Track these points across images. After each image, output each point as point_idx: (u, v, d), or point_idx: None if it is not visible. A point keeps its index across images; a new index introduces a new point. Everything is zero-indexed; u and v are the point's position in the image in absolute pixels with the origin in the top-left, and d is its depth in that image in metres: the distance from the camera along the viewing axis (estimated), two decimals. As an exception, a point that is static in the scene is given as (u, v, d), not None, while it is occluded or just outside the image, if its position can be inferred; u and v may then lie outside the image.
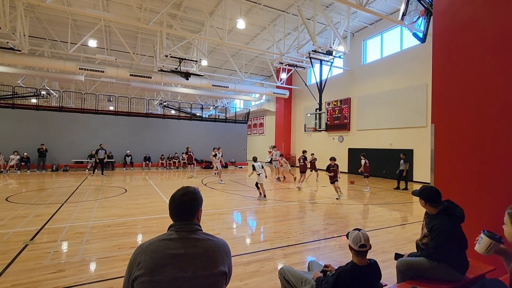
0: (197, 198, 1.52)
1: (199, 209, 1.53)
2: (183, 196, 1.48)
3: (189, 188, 1.53)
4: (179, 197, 1.48)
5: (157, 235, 4.04)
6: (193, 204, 1.49)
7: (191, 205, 1.48)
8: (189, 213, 1.48)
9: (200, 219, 1.56)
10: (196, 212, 1.50)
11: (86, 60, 18.63)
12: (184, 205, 1.47)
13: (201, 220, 1.57)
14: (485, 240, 1.91)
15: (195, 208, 1.50)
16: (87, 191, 9.69)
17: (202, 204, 1.58)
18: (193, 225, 1.46)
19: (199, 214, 1.54)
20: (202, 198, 1.57)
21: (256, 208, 7.52)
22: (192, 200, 1.49)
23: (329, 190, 10.99)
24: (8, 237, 4.76)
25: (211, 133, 22.33)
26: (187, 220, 1.46)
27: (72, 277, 3.40)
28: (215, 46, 18.95)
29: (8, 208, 6.93)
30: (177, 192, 1.51)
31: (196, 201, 1.51)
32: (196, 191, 1.55)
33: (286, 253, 4.35)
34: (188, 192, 1.51)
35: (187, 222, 1.46)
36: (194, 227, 1.45)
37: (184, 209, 1.47)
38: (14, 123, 16.46)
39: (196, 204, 1.51)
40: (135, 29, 16.68)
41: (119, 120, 19.41)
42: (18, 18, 12.68)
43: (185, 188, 1.54)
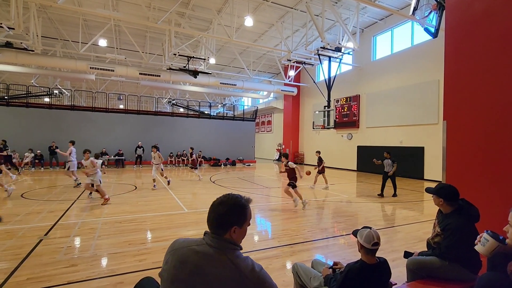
0: (235, 212, 1.29)
1: (234, 227, 1.28)
2: (219, 206, 1.30)
3: (229, 198, 1.32)
4: (215, 205, 1.32)
5: (166, 232, 4.08)
6: (226, 217, 1.28)
7: (223, 218, 1.28)
8: (219, 226, 1.28)
9: (235, 238, 1.30)
10: (228, 227, 1.28)
11: (96, 59, 18.93)
12: (216, 215, 1.29)
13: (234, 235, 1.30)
14: (491, 242, 1.86)
15: (228, 222, 1.28)
16: (98, 188, 9.87)
17: (245, 222, 1.32)
18: (224, 242, 1.27)
19: (236, 234, 1.29)
20: (245, 214, 1.31)
21: (264, 206, 7.54)
22: (227, 213, 1.28)
23: (337, 188, 10.91)
24: (23, 232, 4.91)
25: (219, 131, 22.43)
26: (218, 234, 1.28)
27: (84, 271, 3.48)
28: (223, 44, 18.97)
29: (23, 204, 7.14)
30: (217, 199, 1.34)
31: (232, 215, 1.28)
32: (236, 204, 1.30)
33: (294, 250, 4.35)
34: (226, 202, 1.31)
35: (219, 237, 1.28)
36: (225, 245, 1.26)
37: (214, 220, 1.29)
38: (28, 122, 16.90)
39: (231, 219, 1.28)
40: (144, 28, 16.84)
41: (129, 118, 19.70)
42: (31, 18, 12.96)
43: (226, 197, 1.33)
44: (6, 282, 3.16)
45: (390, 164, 9.07)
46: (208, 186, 10.83)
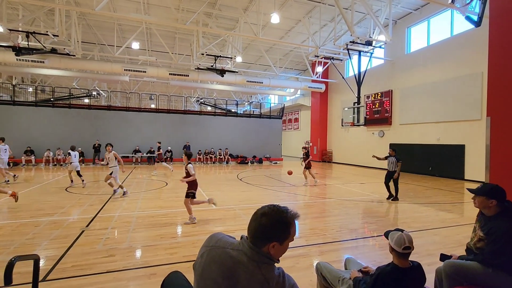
0: (277, 228, 1.22)
1: (274, 242, 1.22)
2: (262, 217, 1.24)
3: (274, 211, 1.25)
4: (258, 215, 1.26)
5: (195, 227, 4.20)
6: (267, 230, 1.22)
7: (264, 231, 1.22)
8: (259, 238, 1.23)
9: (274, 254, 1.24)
10: (268, 242, 1.22)
11: (130, 61, 19.95)
12: (258, 226, 1.24)
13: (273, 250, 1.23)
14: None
15: (268, 237, 1.22)
16: (133, 184, 10.44)
17: (287, 239, 1.25)
18: (260, 255, 1.21)
19: (275, 250, 1.23)
20: (288, 231, 1.24)
21: (291, 204, 7.49)
22: (268, 226, 1.22)
23: (368, 188, 10.53)
24: (67, 224, 5.34)
25: (246, 128, 22.60)
26: (256, 245, 1.23)
27: (121, 261, 3.71)
28: (249, 42, 19.05)
29: (67, 197, 7.76)
30: (262, 208, 1.28)
31: (273, 230, 1.22)
32: (280, 220, 1.23)
33: (322, 250, 4.28)
34: (269, 215, 1.23)
35: (256, 249, 1.22)
36: (261, 258, 1.21)
37: (254, 231, 1.24)
38: (70, 121, 18.28)
39: (272, 233, 1.22)
40: (173, 30, 17.41)
41: (160, 117, 20.54)
42: (73, 26, 13.97)
43: (271, 208, 1.26)
44: (54, 268, 3.46)
45: (394, 163, 8.02)
46: (235, 184, 10.99)
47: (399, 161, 7.98)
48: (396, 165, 7.99)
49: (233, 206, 7.05)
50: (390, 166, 8.18)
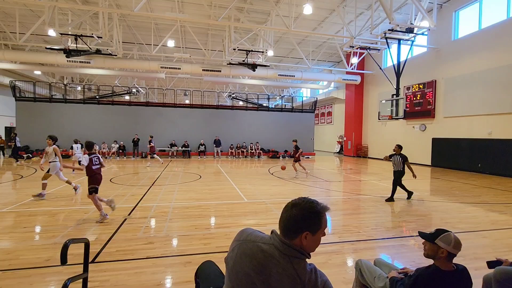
0: (308, 218, 1.21)
1: (306, 232, 1.20)
2: (293, 208, 1.23)
3: (304, 201, 1.24)
4: (288, 207, 1.25)
5: (227, 219, 4.30)
6: (298, 221, 1.21)
7: (295, 222, 1.21)
8: (291, 229, 1.22)
9: (306, 245, 1.22)
10: (300, 232, 1.20)
11: (165, 59, 20.79)
12: (289, 217, 1.22)
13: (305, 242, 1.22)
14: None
15: (300, 227, 1.20)
16: (169, 176, 10.97)
17: (319, 230, 1.23)
18: (291, 249, 1.20)
19: (308, 241, 1.22)
20: (319, 221, 1.22)
21: (323, 200, 7.33)
22: (299, 217, 1.20)
23: (407, 185, 9.92)
24: (112, 212, 5.78)
25: (278, 123, 22.50)
26: (289, 237, 1.22)
27: (159, 249, 3.94)
28: (281, 35, 18.79)
29: (111, 187, 8.39)
30: (292, 200, 1.28)
31: (305, 220, 1.20)
32: (311, 210, 1.22)
33: (356, 248, 4.15)
34: (300, 206, 1.23)
35: (288, 242, 1.22)
36: (292, 252, 1.20)
37: (286, 222, 1.23)
38: (113, 117, 19.65)
39: (304, 224, 1.20)
40: (206, 27, 17.75)
41: (194, 112, 21.23)
42: (114, 27, 14.88)
43: (301, 199, 1.26)
44: (101, 252, 3.78)
45: (400, 162, 7.14)
46: (266, 178, 11.03)
47: (406, 160, 7.09)
48: (401, 164, 7.10)
49: (264, 200, 7.09)
50: (394, 165, 7.30)
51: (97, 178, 5.33)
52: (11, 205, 6.23)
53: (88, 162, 5.20)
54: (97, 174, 5.34)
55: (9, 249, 3.88)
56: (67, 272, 3.19)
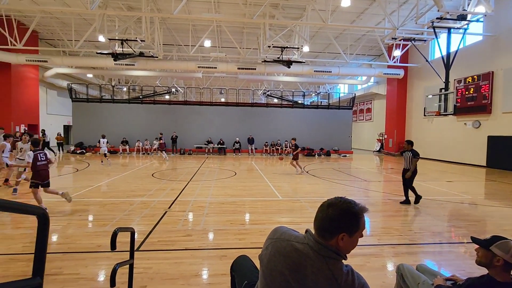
0: (345, 218, 1.17)
1: (343, 233, 1.16)
2: (329, 208, 1.20)
3: (341, 201, 1.20)
4: (324, 207, 1.22)
5: (262, 216, 4.31)
6: (335, 222, 1.17)
7: (331, 223, 1.18)
8: (326, 230, 1.19)
9: (342, 247, 1.19)
10: (336, 233, 1.17)
11: (202, 59, 21.49)
12: (325, 217, 1.19)
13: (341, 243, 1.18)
14: None
15: (336, 228, 1.17)
16: (205, 173, 11.35)
17: (357, 232, 1.18)
18: (327, 249, 1.17)
19: (344, 243, 1.18)
20: (357, 223, 1.18)
21: (361, 200, 7.03)
22: (336, 217, 1.17)
23: (457, 187, 9.12)
24: (154, 204, 6.15)
25: (313, 120, 22.04)
26: (324, 238, 1.19)
27: (197, 241, 4.10)
28: (317, 30, 18.32)
29: (153, 182, 8.92)
30: (328, 200, 1.24)
31: (342, 221, 1.17)
32: (348, 210, 1.17)
33: (397, 251, 3.91)
34: (336, 206, 1.19)
35: (323, 242, 1.19)
36: (327, 253, 1.17)
37: (322, 222, 1.20)
38: (155, 116, 20.85)
39: (341, 224, 1.17)
40: (241, 25, 17.95)
41: (229, 110, 21.67)
42: (155, 31, 15.72)
43: (337, 199, 1.22)
44: (144, 242, 4.05)
45: (410, 159, 6.58)
46: (301, 176, 10.88)
47: (415, 156, 6.52)
48: (411, 161, 6.56)
49: (299, 198, 7.01)
50: (406, 163, 6.72)
51: (41, 174, 5.36)
52: (68, 195, 6.94)
53: (33, 158, 5.26)
54: (42, 170, 5.37)
55: (68, 234, 4.34)
56: (115, 257, 3.47)
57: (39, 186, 5.38)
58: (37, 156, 5.32)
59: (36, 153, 5.35)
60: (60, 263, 3.34)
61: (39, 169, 5.34)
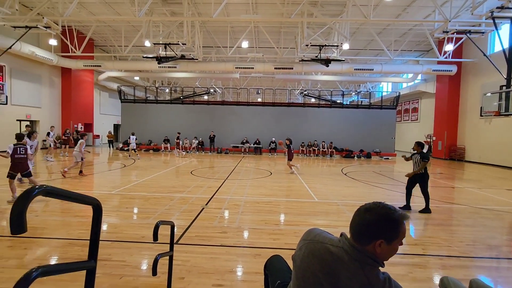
0: (384, 225, 1.12)
1: (380, 240, 1.11)
2: (366, 213, 1.16)
3: (379, 207, 1.16)
4: (361, 211, 1.19)
5: (297, 218, 4.27)
6: (372, 227, 1.13)
7: (367, 228, 1.14)
8: (362, 235, 1.15)
9: (379, 254, 1.13)
10: (373, 240, 1.12)
11: (240, 59, 21.87)
12: (361, 222, 1.16)
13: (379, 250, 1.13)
14: None
15: (373, 234, 1.13)
16: (241, 172, 11.54)
17: (396, 239, 1.13)
18: (363, 255, 1.13)
19: (382, 250, 1.13)
20: (396, 230, 1.12)
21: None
22: (373, 223, 1.13)
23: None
24: (192, 201, 6.42)
25: (353, 120, 21.18)
26: (360, 243, 1.15)
27: (232, 239, 4.20)
28: (358, 26, 17.57)
29: (192, 179, 9.32)
30: (366, 204, 1.21)
31: (379, 227, 1.12)
32: (387, 216, 1.13)
33: (445, 264, 3.60)
34: (374, 211, 1.15)
35: (359, 247, 1.14)
36: (363, 258, 1.13)
37: (358, 227, 1.17)
38: (194, 115, 21.73)
39: (378, 231, 1.12)
40: (278, 25, 17.91)
41: (265, 110, 21.75)
42: (196, 34, 16.38)
43: (376, 204, 1.18)
44: (183, 236, 4.25)
45: (419, 162, 6.01)
46: (338, 178, 10.54)
47: (424, 159, 5.96)
48: (420, 164, 6.01)
49: (336, 201, 6.79)
50: (414, 166, 6.18)
51: (17, 166, 5.94)
52: (117, 188, 7.56)
53: (12, 151, 5.89)
54: (19, 163, 5.94)
55: (116, 224, 4.72)
56: (157, 248, 3.70)
57: (15, 177, 5.97)
58: (16, 149, 5.94)
59: (16, 147, 5.97)
60: (110, 250, 3.65)
61: (16, 162, 5.95)
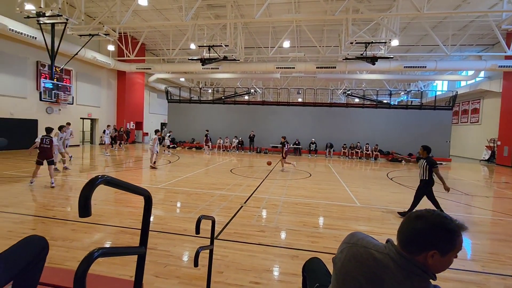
0: (438, 234, 1.03)
1: (433, 251, 1.02)
2: (417, 220, 1.07)
3: (433, 214, 1.06)
4: (411, 218, 1.10)
5: (337, 222, 4.13)
6: (424, 236, 1.04)
7: (418, 237, 1.05)
8: (412, 244, 1.06)
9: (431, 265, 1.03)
10: (425, 250, 1.03)
11: (281, 59, 21.80)
12: (411, 230, 1.08)
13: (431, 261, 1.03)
14: None
15: (425, 244, 1.04)
16: (280, 172, 11.49)
17: (451, 251, 1.02)
18: (412, 265, 1.04)
19: (434, 262, 1.03)
20: (452, 241, 1.02)
21: (461, 217, 5.95)
22: (425, 231, 1.04)
23: None
24: (231, 198, 6.57)
25: (401, 122, 19.80)
26: (409, 252, 1.06)
27: (270, 238, 4.20)
28: (409, 21, 16.35)
29: (231, 177, 9.54)
30: (417, 211, 1.12)
31: (433, 236, 1.03)
32: (442, 226, 1.03)
33: (509, 285, 3.17)
34: (427, 219, 1.06)
35: (409, 256, 1.05)
36: (412, 268, 1.04)
37: (407, 235, 1.08)
38: (235, 115, 22.23)
39: (431, 241, 1.03)
40: (321, 23, 17.46)
41: (306, 110, 21.38)
42: (238, 35, 16.72)
43: (429, 211, 1.08)
44: (222, 232, 4.36)
45: (426, 169, 5.50)
46: (383, 183, 9.92)
47: (433, 166, 5.42)
48: (427, 172, 5.48)
49: (380, 207, 6.40)
50: (421, 172, 5.65)
51: (42, 153, 6.94)
52: (162, 183, 8.06)
53: (40, 141, 6.97)
54: (43, 151, 6.94)
55: (161, 216, 5.03)
56: (198, 242, 3.86)
57: (41, 163, 7.00)
58: (42, 140, 7.02)
59: (42, 138, 7.06)
60: (156, 240, 3.91)
61: (42, 150, 6.98)
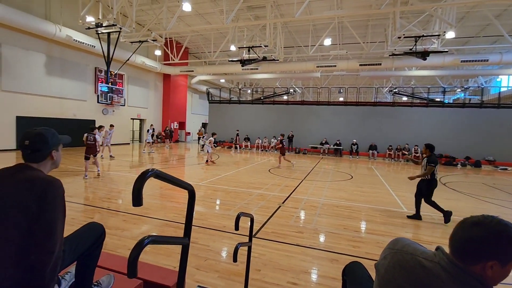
0: (497, 243, 0.92)
1: (492, 262, 0.92)
2: (474, 227, 0.97)
3: (492, 221, 0.96)
4: (466, 224, 1.01)
5: (380, 227, 3.92)
6: (481, 245, 0.94)
7: (474, 245, 0.95)
8: (467, 253, 0.96)
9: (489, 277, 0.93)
10: (482, 260, 0.93)
11: (321, 58, 21.25)
12: (466, 237, 0.98)
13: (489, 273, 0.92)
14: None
15: (482, 253, 0.94)
16: (320, 173, 11.20)
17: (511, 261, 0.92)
18: (467, 276, 0.94)
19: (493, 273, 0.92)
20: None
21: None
22: (483, 240, 0.94)
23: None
24: (269, 198, 6.57)
25: (456, 122, 18.02)
26: (463, 261, 0.97)
27: (308, 239, 4.11)
28: (467, 10, 14.78)
29: (270, 177, 9.55)
30: (473, 217, 1.02)
31: (491, 246, 0.93)
32: (503, 233, 0.92)
33: None
34: (485, 226, 0.96)
35: (462, 266, 0.96)
36: (468, 280, 0.94)
37: (461, 243, 0.99)
38: (274, 115, 22.23)
39: (490, 251, 0.93)
40: (366, 18, 16.62)
41: (348, 110, 20.53)
42: (278, 35, 16.68)
43: (486, 218, 0.98)
44: (260, 231, 4.38)
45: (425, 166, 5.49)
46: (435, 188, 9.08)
47: (430, 163, 5.40)
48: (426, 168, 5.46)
49: (430, 214, 5.88)
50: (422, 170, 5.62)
51: (87, 149, 7.89)
52: (203, 180, 8.37)
53: (85, 138, 7.96)
54: (88, 147, 7.89)
55: (202, 212, 5.23)
56: (236, 238, 3.93)
57: (88, 158, 7.90)
58: (87, 137, 8.01)
59: (87, 135, 8.03)
60: (196, 234, 4.07)
61: (87, 146, 7.95)
